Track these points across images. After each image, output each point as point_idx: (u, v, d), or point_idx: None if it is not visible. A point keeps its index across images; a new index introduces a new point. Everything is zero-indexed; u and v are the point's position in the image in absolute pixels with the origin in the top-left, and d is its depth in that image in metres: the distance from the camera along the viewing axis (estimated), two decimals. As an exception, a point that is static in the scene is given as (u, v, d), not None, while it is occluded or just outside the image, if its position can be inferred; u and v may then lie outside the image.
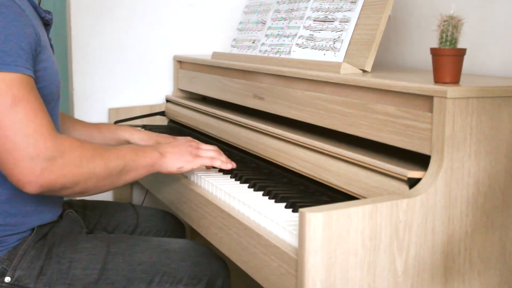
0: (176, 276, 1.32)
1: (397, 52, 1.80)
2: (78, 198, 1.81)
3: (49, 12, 1.37)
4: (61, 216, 1.40)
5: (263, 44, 1.80)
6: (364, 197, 1.16)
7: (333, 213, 0.96)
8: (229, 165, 1.47)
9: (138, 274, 1.30)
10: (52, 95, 1.30)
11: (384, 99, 1.19)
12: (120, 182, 1.30)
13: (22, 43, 1.18)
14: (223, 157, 1.49)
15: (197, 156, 1.43)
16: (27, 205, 1.29)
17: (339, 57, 1.45)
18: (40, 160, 1.15)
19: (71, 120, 1.65)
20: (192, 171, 1.49)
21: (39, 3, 1.39)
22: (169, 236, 1.68)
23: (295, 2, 1.72)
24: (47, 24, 1.37)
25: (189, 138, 1.53)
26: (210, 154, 1.46)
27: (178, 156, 1.40)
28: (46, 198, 1.32)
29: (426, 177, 1.06)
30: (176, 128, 2.08)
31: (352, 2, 1.49)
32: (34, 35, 1.22)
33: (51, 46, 1.39)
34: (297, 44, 1.62)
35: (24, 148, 1.14)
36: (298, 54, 1.60)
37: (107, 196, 2.15)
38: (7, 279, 1.23)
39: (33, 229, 1.30)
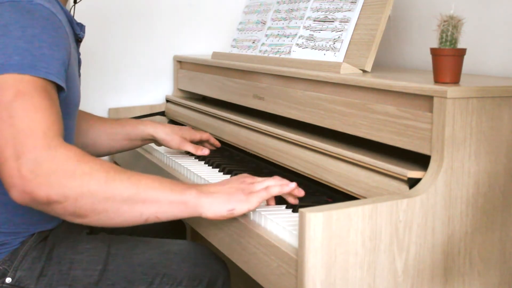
0: (176, 278, 1.32)
1: (397, 52, 1.80)
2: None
3: (81, 27, 1.37)
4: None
5: (263, 44, 1.80)
6: (364, 197, 1.16)
7: (333, 213, 0.97)
8: (297, 190, 1.22)
9: (139, 275, 1.30)
10: (68, 115, 1.27)
11: (384, 99, 1.19)
12: (133, 214, 1.10)
13: (56, 53, 1.15)
14: (284, 181, 1.21)
15: (251, 193, 1.16)
16: (32, 216, 1.28)
17: (339, 57, 1.45)
18: (25, 160, 1.03)
19: (92, 118, 1.65)
20: (248, 212, 1.20)
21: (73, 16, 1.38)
22: (169, 236, 1.68)
23: (295, 2, 1.72)
24: (78, 40, 1.37)
25: (244, 174, 1.24)
26: (267, 183, 1.19)
27: (227, 196, 1.15)
28: None
29: (426, 177, 1.06)
30: (176, 128, 2.08)
31: (352, 2, 1.49)
32: (69, 49, 1.21)
33: (79, 61, 1.38)
34: (297, 44, 1.62)
35: (12, 144, 1.04)
36: (298, 54, 1.60)
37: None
38: (8, 280, 1.23)
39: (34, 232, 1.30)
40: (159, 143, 1.72)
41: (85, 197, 1.06)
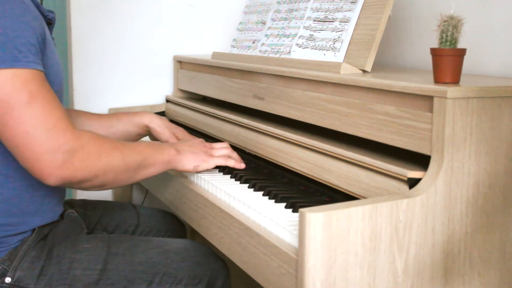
0: (176, 277, 1.32)
1: (397, 52, 1.80)
2: (78, 198, 1.81)
3: (51, 11, 1.37)
4: (61, 216, 1.40)
5: (263, 44, 1.80)
6: (364, 197, 1.16)
7: (333, 213, 0.97)
8: (242, 164, 1.52)
9: (139, 274, 1.30)
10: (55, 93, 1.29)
11: (384, 99, 1.19)
12: (138, 176, 1.33)
13: (31, 38, 1.18)
14: (235, 155, 1.53)
15: (211, 156, 1.47)
16: (29, 205, 1.29)
17: (339, 57, 1.45)
18: (61, 153, 1.16)
19: (85, 114, 1.64)
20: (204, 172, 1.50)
21: (41, 3, 1.39)
22: (169, 236, 1.68)
23: (295, 2, 1.72)
24: (49, 23, 1.36)
25: (202, 139, 1.55)
26: (224, 152, 1.50)
27: (194, 155, 1.44)
28: (48, 197, 1.32)
29: (426, 177, 1.06)
30: (176, 128, 2.08)
31: (352, 2, 1.49)
32: (41, 28, 1.22)
33: (54, 45, 1.39)
34: (297, 44, 1.62)
35: (45, 142, 1.15)
36: (298, 54, 1.60)
37: (107, 196, 2.15)
38: (8, 279, 1.23)
39: (33, 230, 1.30)
40: (152, 136, 1.69)
41: (110, 173, 1.25)
